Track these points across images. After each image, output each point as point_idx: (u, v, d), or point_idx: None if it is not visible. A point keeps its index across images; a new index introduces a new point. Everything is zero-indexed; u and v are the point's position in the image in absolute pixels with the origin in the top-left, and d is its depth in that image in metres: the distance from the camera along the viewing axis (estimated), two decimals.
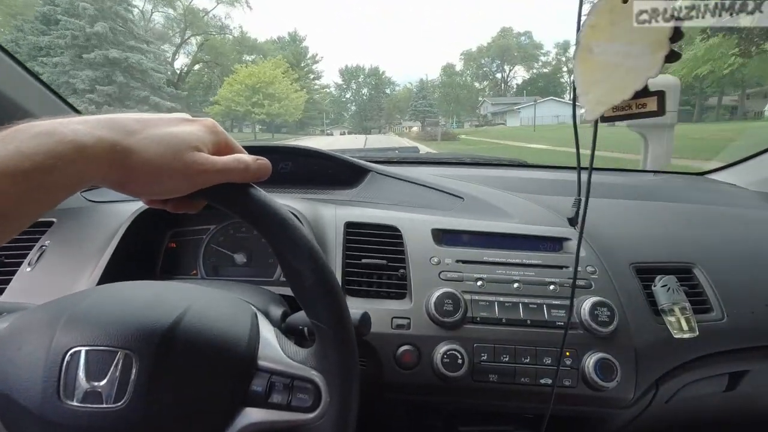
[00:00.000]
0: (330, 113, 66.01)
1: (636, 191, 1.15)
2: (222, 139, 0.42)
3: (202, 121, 0.41)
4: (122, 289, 0.47)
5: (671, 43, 0.41)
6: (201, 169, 0.38)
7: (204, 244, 0.95)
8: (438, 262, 0.81)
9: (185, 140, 0.38)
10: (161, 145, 0.36)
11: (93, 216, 0.88)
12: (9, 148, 0.30)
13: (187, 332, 0.42)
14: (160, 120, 0.38)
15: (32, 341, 0.41)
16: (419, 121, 56.36)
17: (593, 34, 0.45)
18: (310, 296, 0.44)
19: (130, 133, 0.35)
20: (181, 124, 0.39)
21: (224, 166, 0.39)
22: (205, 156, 0.39)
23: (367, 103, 65.93)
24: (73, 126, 0.33)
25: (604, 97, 0.46)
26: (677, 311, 0.76)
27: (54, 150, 0.31)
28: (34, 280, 0.76)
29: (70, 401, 0.38)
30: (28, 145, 0.30)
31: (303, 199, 0.96)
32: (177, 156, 0.37)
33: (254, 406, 0.43)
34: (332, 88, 69.68)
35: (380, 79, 67.14)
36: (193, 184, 0.39)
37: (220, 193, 0.40)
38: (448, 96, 65.51)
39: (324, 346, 0.45)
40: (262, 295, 0.67)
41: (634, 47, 0.43)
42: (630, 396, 0.73)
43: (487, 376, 0.72)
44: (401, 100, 67.55)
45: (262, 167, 0.42)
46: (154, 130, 0.37)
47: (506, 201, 1.02)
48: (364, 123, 63.08)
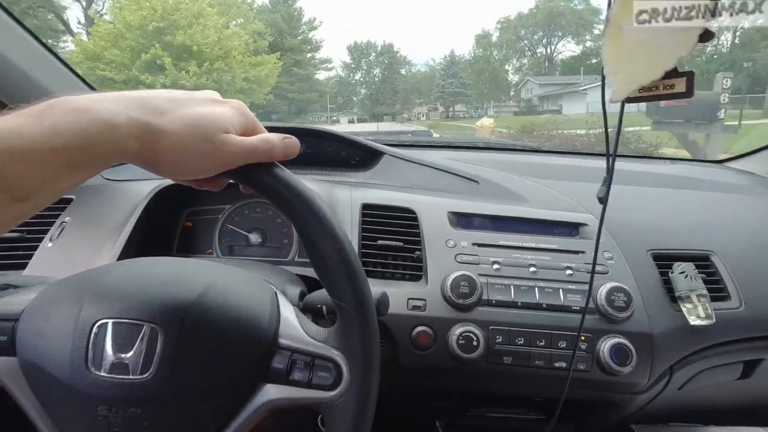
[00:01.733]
0: (338, 96, 56.09)
1: (654, 178, 1.14)
2: (249, 120, 0.42)
3: (231, 102, 0.41)
4: (146, 264, 0.48)
5: (705, 21, 0.40)
6: (229, 150, 0.38)
7: (219, 223, 0.96)
8: (454, 245, 0.81)
9: (215, 122, 0.38)
10: (191, 126, 0.36)
11: (111, 194, 0.89)
12: (44, 125, 0.30)
13: (210, 308, 0.43)
14: (191, 99, 0.38)
15: (60, 313, 0.42)
16: (444, 105, 46.74)
17: (624, 11, 0.44)
18: (333, 276, 0.44)
19: (161, 113, 0.35)
20: (211, 105, 0.39)
21: (252, 147, 0.39)
22: (234, 137, 0.39)
23: (380, 85, 53.85)
24: (106, 104, 0.33)
25: (634, 76, 0.45)
26: (694, 298, 0.75)
27: (87, 129, 0.31)
28: (55, 255, 0.78)
29: (98, 371, 0.39)
30: (62, 121, 0.30)
31: (318, 181, 0.96)
32: (207, 138, 0.37)
33: (275, 382, 0.44)
34: (339, 69, 57.11)
35: (395, 58, 54.36)
36: (221, 164, 0.39)
37: (247, 173, 0.41)
38: (482, 74, 49.01)
39: (346, 326, 0.45)
40: (279, 274, 0.68)
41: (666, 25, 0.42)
42: (644, 381, 0.73)
43: (502, 358, 0.72)
44: (421, 80, 55.50)
45: (289, 146, 0.42)
46: (185, 111, 0.37)
47: (522, 185, 1.01)
48: (375, 108, 51.91)
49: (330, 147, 1.11)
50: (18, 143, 0.29)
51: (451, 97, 46.41)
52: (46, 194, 0.32)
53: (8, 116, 0.30)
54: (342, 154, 1.13)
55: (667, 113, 3.09)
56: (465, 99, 46.85)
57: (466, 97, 47.00)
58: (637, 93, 0.47)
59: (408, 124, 30.79)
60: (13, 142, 0.29)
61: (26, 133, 0.29)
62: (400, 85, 53.09)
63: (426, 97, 52.63)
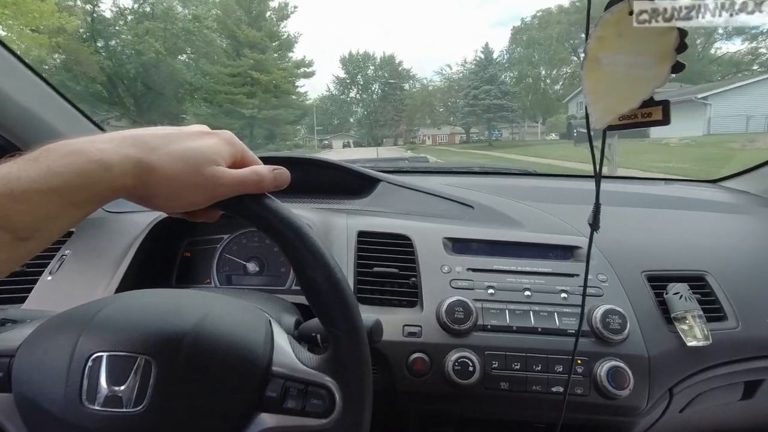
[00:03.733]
0: (334, 117, 46.04)
1: (647, 199, 1.15)
2: (239, 150, 0.43)
3: (219, 134, 0.43)
4: (142, 297, 0.49)
5: (677, 53, 0.41)
6: (219, 182, 0.39)
7: (217, 253, 0.97)
8: (449, 271, 0.82)
9: (204, 154, 0.39)
10: (182, 160, 0.38)
11: (111, 226, 0.91)
12: (41, 167, 0.32)
13: (204, 339, 0.43)
14: (180, 134, 0.40)
15: (56, 347, 0.42)
16: (474, 125, 33.80)
17: (601, 45, 0.46)
18: (324, 304, 0.44)
19: (152, 149, 0.37)
20: (200, 138, 0.41)
21: (242, 179, 0.41)
22: (223, 169, 0.40)
23: (378, 103, 43.37)
24: (100, 145, 0.35)
25: (612, 106, 0.47)
26: (690, 319, 0.76)
27: (83, 168, 0.33)
28: (55, 288, 0.78)
29: (92, 405, 0.39)
30: (59, 163, 0.32)
31: (314, 209, 0.98)
32: (197, 171, 0.38)
33: (268, 411, 0.44)
34: (331, 85, 46.80)
35: (396, 71, 43.19)
36: (212, 196, 0.40)
37: (237, 204, 0.42)
38: (522, 80, 32.74)
39: (338, 353, 0.45)
40: (275, 303, 0.69)
41: (640, 58, 0.44)
42: (643, 404, 0.72)
43: (499, 383, 0.72)
44: (433, 94, 40.67)
45: (279, 177, 0.44)
46: (175, 146, 0.38)
47: (516, 210, 1.02)
48: (373, 131, 43.06)
49: (327, 175, 1.13)
50: (17, 185, 0.30)
51: (488, 113, 30.79)
52: (48, 233, 0.33)
53: (7, 162, 0.32)
54: (339, 181, 1.14)
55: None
56: (509, 115, 31.36)
57: (510, 113, 31.19)
58: (617, 121, 0.48)
59: (416, 151, 23.14)
60: (13, 185, 0.30)
61: (24, 175, 0.31)
62: (407, 100, 41.44)
63: (438, 117, 40.35)
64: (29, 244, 0.32)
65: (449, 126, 38.93)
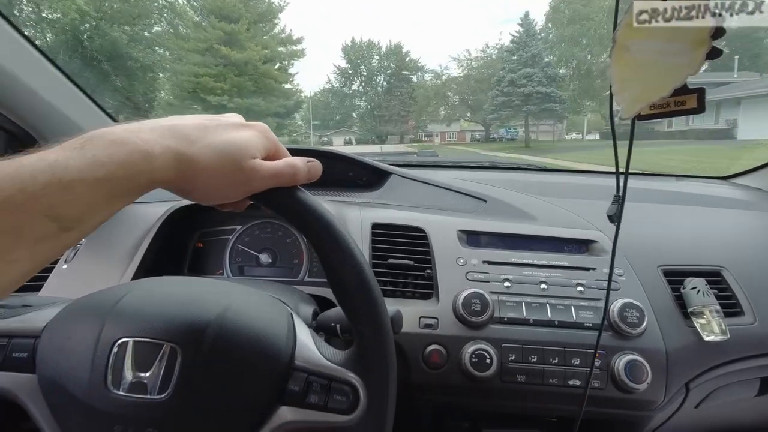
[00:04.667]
0: (336, 110, 39.92)
1: (661, 195, 1.14)
2: (273, 143, 0.43)
3: (256, 126, 0.43)
4: (166, 284, 0.48)
5: (713, 39, 0.41)
6: (257, 176, 0.39)
7: (230, 244, 0.97)
8: (464, 263, 0.81)
9: (243, 148, 0.39)
10: (222, 153, 0.38)
11: (125, 216, 0.90)
12: (87, 156, 0.31)
13: (228, 329, 0.43)
14: (218, 126, 0.40)
15: (81, 331, 0.42)
16: (489, 122, 26.92)
17: (630, 32, 0.45)
18: (352, 300, 0.44)
19: (191, 141, 0.37)
20: (237, 130, 0.41)
21: (277, 171, 0.41)
22: (261, 162, 0.40)
23: (383, 97, 37.39)
24: (142, 135, 0.34)
25: (642, 95, 0.46)
26: (707, 314, 0.75)
27: (127, 159, 0.33)
28: (70, 277, 0.78)
29: (116, 390, 0.39)
30: (104, 153, 0.32)
31: (327, 201, 0.97)
32: (236, 164, 0.38)
33: (291, 405, 0.44)
34: (332, 76, 40.15)
35: (403, 62, 36.80)
36: (249, 189, 0.40)
37: (271, 197, 0.42)
38: (566, 61, 25.77)
39: (363, 350, 0.45)
40: (292, 294, 0.68)
41: (673, 45, 0.43)
42: (660, 398, 0.72)
43: (516, 376, 0.71)
44: (447, 85, 32.32)
45: (312, 170, 0.44)
46: (213, 138, 0.38)
47: (529, 204, 1.01)
48: (377, 127, 36.80)
49: (338, 167, 1.12)
50: (65, 175, 0.30)
51: (529, 104, 22.80)
52: (90, 223, 0.33)
53: (53, 149, 0.31)
54: (349, 174, 1.14)
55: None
56: (556, 108, 23.19)
57: (558, 105, 23.12)
58: (649, 110, 0.48)
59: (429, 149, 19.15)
60: (61, 173, 0.30)
61: (72, 164, 0.30)
62: (419, 90, 34.85)
63: (457, 109, 32.50)
64: (72, 234, 0.32)
65: (460, 121, 33.14)
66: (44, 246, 0.31)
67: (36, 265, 0.31)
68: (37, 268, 0.32)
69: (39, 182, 0.29)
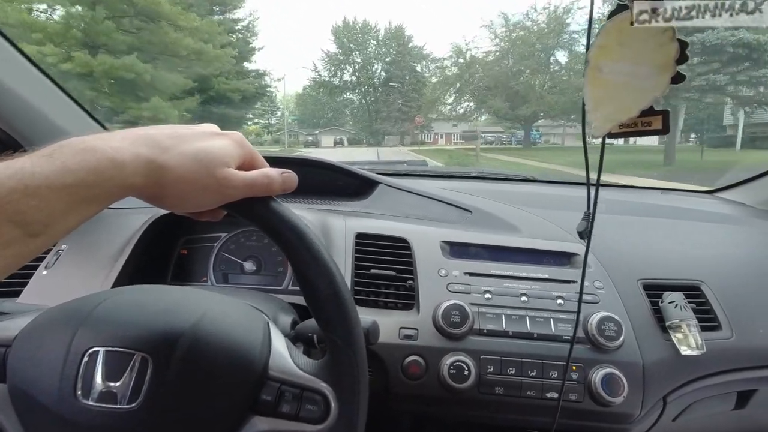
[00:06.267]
0: (327, 105, 34.90)
1: (644, 208, 1.15)
2: (248, 152, 0.43)
3: (230, 135, 0.43)
4: (140, 293, 0.49)
5: (677, 65, 0.42)
6: (231, 185, 0.40)
7: (215, 251, 0.97)
8: (446, 274, 0.82)
9: (216, 156, 0.39)
10: (194, 161, 0.38)
11: (109, 222, 0.90)
12: (56, 164, 0.32)
13: (202, 339, 0.43)
14: (192, 134, 0.40)
15: (52, 340, 0.42)
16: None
17: (602, 54, 0.47)
18: (324, 309, 0.45)
19: (164, 149, 0.37)
20: (212, 139, 0.41)
21: (252, 181, 0.41)
22: (234, 172, 0.40)
23: (381, 89, 31.76)
24: (114, 143, 0.35)
25: (612, 114, 0.48)
26: (685, 328, 0.76)
27: (96, 166, 0.33)
28: (50, 282, 0.78)
29: (86, 400, 0.39)
30: (73, 160, 0.32)
31: (312, 210, 0.98)
32: (209, 172, 0.38)
33: (263, 414, 0.44)
34: (319, 63, 34.76)
35: (405, 47, 30.86)
36: (222, 198, 0.40)
37: (244, 206, 0.42)
38: None
39: (335, 359, 0.45)
40: (272, 303, 0.69)
41: (641, 68, 0.44)
42: (637, 412, 0.73)
43: (494, 388, 0.72)
44: (469, 67, 24.38)
45: (287, 181, 0.44)
46: (187, 146, 0.39)
47: (514, 215, 1.02)
48: (373, 125, 31.76)
49: (325, 176, 1.13)
50: (32, 181, 0.30)
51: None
52: (58, 229, 0.33)
53: (22, 157, 0.32)
54: (338, 183, 1.14)
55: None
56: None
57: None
58: (618, 129, 0.49)
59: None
60: (27, 180, 0.30)
61: (39, 171, 0.31)
62: (432, 73, 28.50)
63: (481, 99, 24.44)
64: (39, 240, 0.32)
65: (478, 118, 26.88)
66: (10, 251, 0.31)
67: (1, 271, 0.31)
68: (4, 273, 0.32)
69: (4, 188, 0.29)
